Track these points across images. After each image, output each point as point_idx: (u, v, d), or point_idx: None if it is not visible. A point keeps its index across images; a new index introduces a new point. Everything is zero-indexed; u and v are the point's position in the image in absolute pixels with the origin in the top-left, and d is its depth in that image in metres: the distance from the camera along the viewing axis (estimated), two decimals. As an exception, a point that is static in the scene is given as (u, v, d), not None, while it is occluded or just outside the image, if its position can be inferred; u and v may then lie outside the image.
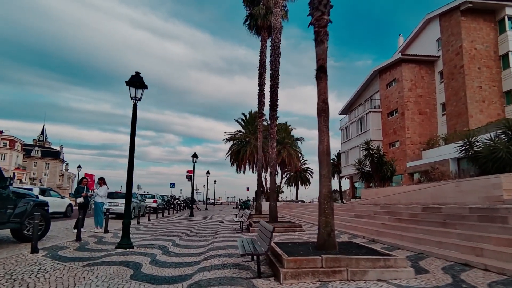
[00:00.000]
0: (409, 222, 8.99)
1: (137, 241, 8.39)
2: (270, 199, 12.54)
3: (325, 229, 5.68)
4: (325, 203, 5.78)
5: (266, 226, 5.50)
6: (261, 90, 19.32)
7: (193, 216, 20.48)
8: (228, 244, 8.36)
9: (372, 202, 17.18)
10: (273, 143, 12.75)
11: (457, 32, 25.60)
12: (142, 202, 18.75)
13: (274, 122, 12.90)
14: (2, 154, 75.94)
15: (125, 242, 7.21)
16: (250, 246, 5.44)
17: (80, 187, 10.40)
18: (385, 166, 21.49)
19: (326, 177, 5.82)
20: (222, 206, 56.89)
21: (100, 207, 10.30)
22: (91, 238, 8.52)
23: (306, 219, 16.48)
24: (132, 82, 7.68)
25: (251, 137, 36.47)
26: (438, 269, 5.31)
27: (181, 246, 7.96)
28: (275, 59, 13.09)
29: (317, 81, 6.05)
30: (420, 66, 28.65)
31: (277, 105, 12.99)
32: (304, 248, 5.87)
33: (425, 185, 14.90)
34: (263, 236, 5.56)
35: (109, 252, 6.64)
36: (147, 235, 9.99)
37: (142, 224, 13.40)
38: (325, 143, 5.85)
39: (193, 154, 20.94)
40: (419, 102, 28.26)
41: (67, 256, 6.02)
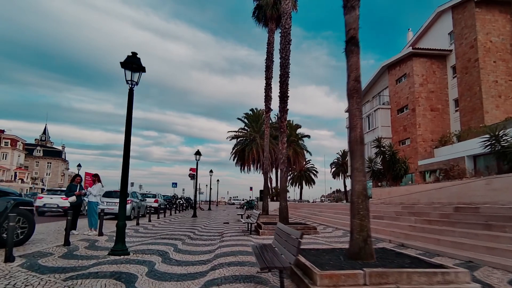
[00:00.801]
0: (442, 224, 7.94)
1: (134, 246, 7.39)
2: (281, 199, 11.52)
3: (360, 234, 4.65)
4: (359, 202, 4.74)
5: (289, 231, 4.48)
6: (268, 83, 18.33)
7: (196, 216, 19.49)
8: (237, 249, 7.35)
9: (387, 202, 16.13)
10: (284, 138, 11.72)
11: (471, 24, 24.48)
12: (143, 202, 17.78)
13: (284, 115, 11.87)
14: (4, 153, 75.37)
15: (119, 248, 6.21)
16: (269, 256, 4.41)
17: (72, 185, 9.41)
18: (397, 164, 20.40)
19: (359, 170, 4.78)
20: (225, 206, 55.92)
21: (94, 207, 9.31)
22: (82, 242, 7.53)
23: (317, 220, 15.44)
24: (127, 64, 6.68)
25: (256, 135, 35.43)
26: (505, 284, 4.27)
27: (184, 252, 6.96)
28: (285, 47, 12.07)
29: (347, 56, 5.03)
30: (431, 60, 27.52)
31: (287, 97, 11.96)
32: (334, 257, 4.85)
33: (447, 183, 13.84)
34: (284, 243, 4.54)
35: (99, 260, 5.64)
36: (146, 238, 8.99)
37: (142, 226, 12.41)
38: (358, 130, 4.82)
39: (196, 152, 19.93)
40: (430, 98, 27.14)
41: (47, 266, 5.02)
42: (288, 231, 4.51)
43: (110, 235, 8.90)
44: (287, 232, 4.64)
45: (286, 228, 4.83)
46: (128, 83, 6.72)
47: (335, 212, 15.36)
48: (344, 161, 51.13)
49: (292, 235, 4.19)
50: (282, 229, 5.03)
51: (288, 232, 4.54)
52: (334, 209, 16.96)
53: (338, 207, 17.83)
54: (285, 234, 4.70)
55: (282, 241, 4.77)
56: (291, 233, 4.29)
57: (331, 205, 21.11)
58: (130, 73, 6.72)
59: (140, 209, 15.81)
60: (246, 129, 37.98)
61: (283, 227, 5.17)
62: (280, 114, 11.97)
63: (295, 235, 4.03)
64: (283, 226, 5.22)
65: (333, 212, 15.85)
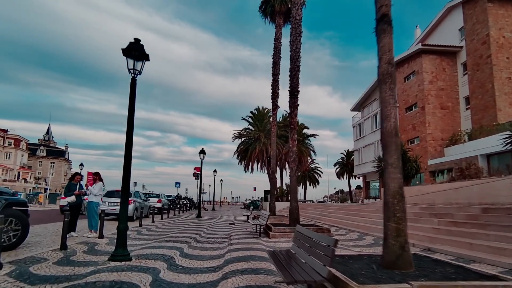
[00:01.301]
0: (471, 226, 7.30)
1: (137, 250, 6.81)
2: (291, 199, 10.91)
3: (397, 239, 4.03)
4: (395, 203, 4.13)
5: (317, 237, 3.86)
6: (275, 80, 17.75)
7: (201, 217, 18.91)
8: (248, 253, 6.74)
9: (399, 202, 15.45)
10: (294, 134, 11.11)
11: (483, 20, 23.75)
12: (146, 202, 17.22)
13: (295, 110, 11.26)
14: (7, 153, 75.32)
15: (120, 253, 5.63)
16: (293, 265, 3.81)
17: (71, 184, 8.85)
18: (408, 163, 19.71)
19: (395, 166, 4.17)
20: (229, 206, 55.33)
21: (94, 208, 8.74)
22: (81, 246, 6.96)
23: (326, 221, 14.79)
24: (129, 52, 6.10)
25: (261, 134, 34.79)
26: None
27: (191, 257, 6.36)
28: (295, 39, 11.46)
29: (378, 36, 4.42)
30: (441, 57, 26.80)
31: (297, 91, 11.35)
32: (364, 266, 4.23)
33: (464, 182, 13.15)
34: (309, 250, 3.93)
35: (98, 267, 5.06)
36: (150, 241, 8.41)
37: (145, 227, 11.84)
38: (392, 120, 4.21)
39: (201, 150, 19.34)
40: (440, 96, 26.43)
41: (39, 275, 4.45)
42: (315, 237, 3.89)
43: (111, 238, 8.33)
44: (311, 237, 4.02)
45: (311, 233, 4.21)
46: (131, 72, 6.14)
47: (346, 213, 14.72)
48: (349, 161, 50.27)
49: (321, 241, 3.57)
50: (305, 233, 4.42)
51: (314, 237, 3.92)
52: (345, 209, 16.31)
53: (348, 207, 17.18)
54: (309, 240, 4.09)
55: (306, 248, 4.16)
56: (319, 240, 3.67)
57: (340, 206, 20.45)
58: (133, 62, 6.14)
59: (143, 210, 15.22)
60: (250, 128, 37.37)
61: (305, 231, 4.56)
62: (290, 110, 11.35)
63: (326, 241, 3.41)
64: (305, 230, 4.60)
65: (343, 213, 15.21)
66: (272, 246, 7.97)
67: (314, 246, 3.76)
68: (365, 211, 14.18)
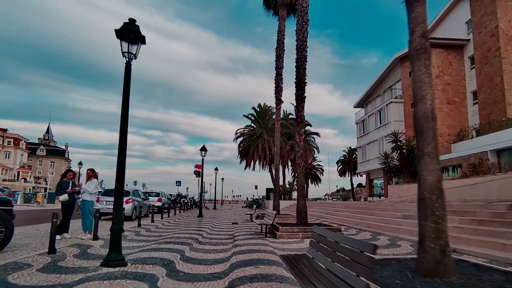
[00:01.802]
0: (498, 225, 6.69)
1: (134, 253, 6.20)
2: (298, 197, 10.30)
3: (437, 242, 3.42)
4: (433, 199, 3.51)
5: (346, 241, 3.23)
6: (278, 73, 17.10)
7: (202, 216, 18.31)
8: (255, 256, 6.13)
9: (409, 199, 14.85)
10: (301, 128, 10.48)
11: (492, 12, 23.05)
12: (145, 201, 16.61)
13: (301, 103, 10.62)
14: (7, 152, 74.87)
15: (114, 258, 5.02)
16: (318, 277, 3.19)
17: (64, 182, 8.23)
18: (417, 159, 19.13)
19: (432, 156, 3.56)
20: (230, 205, 54.74)
21: (89, 207, 8.14)
22: (72, 249, 6.35)
23: (334, 220, 14.18)
24: (123, 33, 5.47)
25: (263, 131, 34.13)
26: None
27: (193, 261, 5.76)
28: (302, 27, 10.81)
29: (409, 6, 3.80)
30: (447, 51, 26.12)
31: (304, 83, 10.71)
32: (397, 273, 3.62)
33: (480, 178, 12.56)
34: (332, 256, 3.31)
35: (88, 275, 4.45)
36: (148, 242, 7.80)
37: (144, 227, 11.24)
38: (427, 102, 3.60)
39: (202, 147, 18.71)
40: (447, 91, 25.78)
41: (17, 285, 3.84)
42: (343, 241, 3.27)
43: (106, 239, 7.71)
44: (337, 240, 3.40)
45: (336, 236, 3.59)
46: (125, 56, 5.51)
47: (354, 212, 14.11)
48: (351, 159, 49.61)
49: (353, 246, 2.95)
50: (328, 236, 3.79)
51: (341, 241, 3.30)
52: (352, 208, 15.70)
53: (355, 205, 16.57)
54: (333, 244, 3.46)
55: (328, 253, 3.53)
56: (350, 244, 3.04)
57: (347, 204, 19.84)
58: (127, 45, 5.51)
59: (142, 209, 14.63)
60: (252, 126, 36.70)
61: (326, 233, 3.93)
62: (296, 102, 10.72)
63: (360, 247, 2.78)
64: (326, 231, 3.98)
65: (351, 211, 14.60)
66: (280, 247, 7.37)
67: (342, 252, 3.14)
68: (374, 209, 13.57)
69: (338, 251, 3.29)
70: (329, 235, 3.84)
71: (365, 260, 2.59)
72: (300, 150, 10.30)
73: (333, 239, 3.55)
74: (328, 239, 3.69)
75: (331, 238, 3.65)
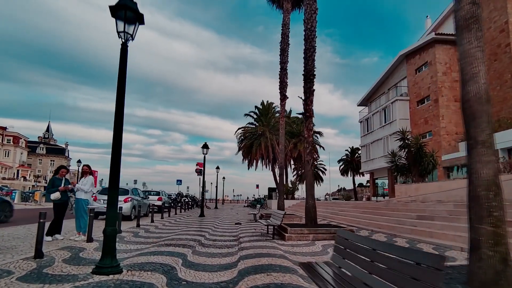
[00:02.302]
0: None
1: (131, 257, 5.61)
2: (307, 196, 9.69)
3: (496, 249, 2.82)
4: (490, 197, 2.92)
5: (391, 249, 2.62)
6: (283, 68, 16.52)
7: (204, 216, 17.72)
8: (265, 262, 5.52)
9: (420, 199, 14.26)
10: (310, 123, 9.87)
11: (501, 7, 22.43)
12: (145, 200, 16.01)
13: (310, 96, 10.00)
14: (6, 151, 74.34)
15: (107, 264, 4.41)
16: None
17: (56, 179, 7.62)
18: (425, 158, 18.48)
19: (487, 145, 2.97)
20: (231, 204, 54.15)
21: (83, 206, 7.54)
22: (62, 253, 5.75)
23: (341, 221, 13.57)
24: (118, 11, 4.85)
25: (265, 130, 33.48)
26: None
27: (196, 267, 5.16)
28: (310, 16, 10.19)
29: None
30: (455, 47, 25.34)
31: (314, 75, 10.08)
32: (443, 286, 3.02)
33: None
34: (374, 268, 2.70)
35: (76, 284, 3.85)
36: (147, 244, 7.21)
37: (143, 227, 10.65)
38: (480, 81, 3.02)
39: (204, 145, 18.10)
40: (454, 88, 25.08)
41: (-10, 298, 3.25)
42: (383, 249, 2.66)
43: (101, 241, 7.08)
44: (375, 248, 2.79)
45: (371, 242, 2.98)
46: (121, 36, 4.90)
47: (363, 212, 13.50)
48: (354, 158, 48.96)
49: (406, 258, 2.32)
50: (357, 241, 3.18)
51: (380, 249, 2.69)
52: (360, 208, 15.09)
53: (363, 205, 15.96)
54: (370, 252, 2.86)
55: (362, 262, 2.93)
56: (401, 255, 2.43)
57: (354, 204, 19.24)
58: (123, 24, 4.90)
59: (142, 208, 14.04)
60: (254, 124, 36.06)
61: (356, 238, 3.33)
62: (305, 96, 10.10)
63: (416, 258, 2.16)
64: (355, 236, 3.38)
65: (359, 211, 13.99)
66: (290, 251, 6.77)
67: (383, 263, 2.53)
68: (383, 209, 12.96)
69: (378, 260, 2.68)
70: (361, 240, 3.24)
71: (427, 275, 1.97)
72: (309, 147, 9.69)
73: (369, 245, 2.95)
74: (361, 245, 3.08)
75: (365, 244, 3.05)
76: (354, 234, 3.51)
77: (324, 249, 6.95)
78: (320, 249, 6.91)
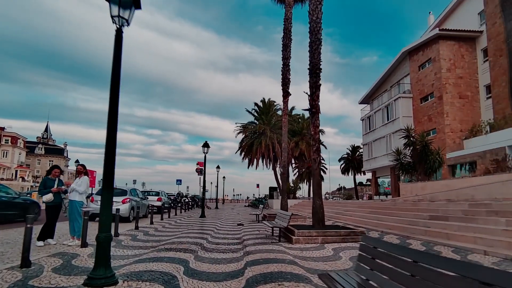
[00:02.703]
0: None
1: (128, 264, 5.14)
2: (314, 196, 9.22)
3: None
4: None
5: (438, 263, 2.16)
6: (286, 64, 16.05)
7: (205, 216, 17.26)
8: (275, 269, 5.06)
9: (427, 198, 13.80)
10: (317, 119, 9.39)
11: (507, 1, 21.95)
12: (144, 201, 15.53)
13: (316, 91, 9.52)
14: (4, 151, 73.80)
15: (100, 275, 3.94)
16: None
17: (48, 179, 7.15)
18: (431, 156, 18.04)
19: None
20: (232, 204, 53.67)
21: (78, 208, 7.07)
22: (53, 260, 5.27)
23: (347, 221, 13.12)
24: (112, -7, 4.38)
25: (266, 128, 32.98)
26: None
27: (200, 275, 4.69)
28: (316, 7, 9.72)
29: None
30: (459, 43, 25.00)
31: (320, 69, 9.61)
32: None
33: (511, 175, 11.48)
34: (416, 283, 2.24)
35: (64, 299, 3.39)
36: (146, 249, 6.74)
37: (142, 230, 10.18)
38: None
39: (204, 144, 17.64)
40: (459, 84, 24.66)
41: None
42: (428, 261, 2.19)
43: (97, 246, 6.65)
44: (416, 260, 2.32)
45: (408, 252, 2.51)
46: (115, 21, 4.43)
47: (370, 212, 13.04)
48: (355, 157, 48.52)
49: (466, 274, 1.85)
50: (391, 251, 2.71)
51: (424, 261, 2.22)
52: (366, 207, 14.64)
53: (369, 205, 15.51)
54: (409, 266, 2.39)
55: (398, 276, 2.47)
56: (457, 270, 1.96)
57: (360, 203, 18.80)
58: (117, 8, 4.43)
59: (140, 209, 13.58)
60: (255, 122, 35.57)
61: (385, 245, 2.87)
62: (310, 91, 9.63)
63: (501, 280, 1.69)
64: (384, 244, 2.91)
65: (366, 211, 13.53)
66: (300, 255, 6.31)
67: (436, 280, 2.06)
68: (392, 208, 12.51)
69: (422, 275, 2.22)
70: (393, 249, 2.78)
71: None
72: (316, 144, 9.22)
73: (407, 256, 2.48)
74: (397, 256, 2.61)
75: (401, 254, 2.58)
76: (383, 242, 3.05)
77: (336, 253, 6.49)
78: (331, 254, 6.45)
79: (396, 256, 2.63)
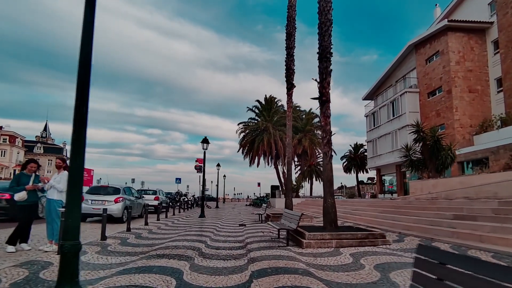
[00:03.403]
0: None
1: (108, 276, 4.21)
2: (325, 194, 8.28)
3: None
4: None
5: None
6: (290, 54, 15.09)
7: (204, 216, 16.33)
8: (287, 282, 4.12)
9: (442, 196, 12.88)
10: (327, 109, 8.44)
11: (520, -10, 20.98)
12: (139, 200, 14.59)
13: (327, 78, 8.57)
14: (2, 150, 72.92)
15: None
16: None
17: (23, 175, 6.21)
18: (443, 151, 17.08)
19: None
20: (232, 203, 52.77)
21: (56, 208, 6.13)
22: (18, 271, 4.34)
23: (358, 221, 12.18)
24: None
25: (268, 125, 32.00)
26: None
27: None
28: (326, -15, 8.76)
29: None
30: (468, 35, 24.02)
31: (331, 53, 8.64)
32: None
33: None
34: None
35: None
36: (134, 255, 5.81)
37: (134, 232, 9.25)
38: None
39: (203, 139, 16.70)
40: (468, 78, 23.68)
41: None
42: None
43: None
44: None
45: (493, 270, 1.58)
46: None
47: (382, 211, 12.10)
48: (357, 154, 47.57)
49: None
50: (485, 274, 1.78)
51: None
52: (376, 206, 13.71)
53: (381, 204, 14.56)
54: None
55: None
56: None
57: (370, 202, 17.85)
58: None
59: (132, 209, 12.65)
60: (256, 119, 34.60)
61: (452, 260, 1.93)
62: (320, 78, 8.68)
63: None
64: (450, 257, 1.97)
65: (378, 210, 12.60)
66: (314, 263, 5.37)
67: None
68: (405, 207, 11.58)
69: None
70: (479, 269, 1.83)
71: None
72: (327, 136, 8.28)
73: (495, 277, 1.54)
74: (487, 278, 1.67)
75: (498, 278, 1.63)
76: (455, 256, 2.11)
77: (356, 260, 5.55)
78: (350, 261, 5.51)
79: (485, 279, 1.69)
